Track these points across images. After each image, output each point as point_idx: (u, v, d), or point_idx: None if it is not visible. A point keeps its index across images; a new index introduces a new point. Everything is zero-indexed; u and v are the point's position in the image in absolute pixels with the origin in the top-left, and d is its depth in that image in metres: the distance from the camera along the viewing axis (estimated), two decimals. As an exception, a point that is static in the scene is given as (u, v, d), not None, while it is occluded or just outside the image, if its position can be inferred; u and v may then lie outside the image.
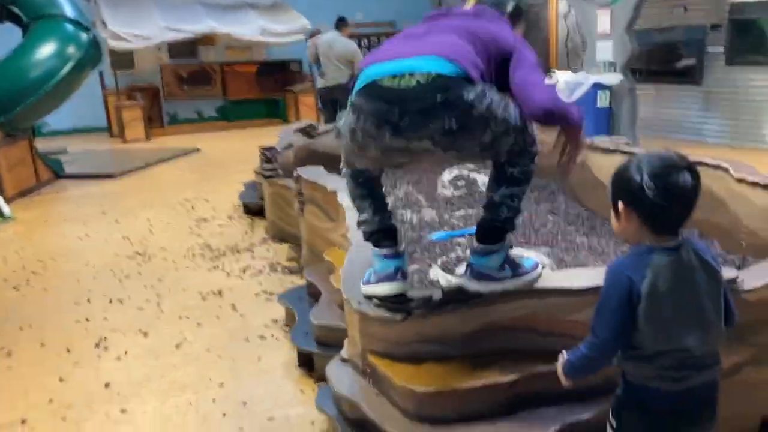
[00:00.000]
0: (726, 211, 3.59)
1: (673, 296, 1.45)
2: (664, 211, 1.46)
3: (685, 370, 1.48)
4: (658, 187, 1.44)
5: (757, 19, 7.49)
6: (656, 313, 1.45)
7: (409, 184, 5.78)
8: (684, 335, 1.47)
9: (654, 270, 1.45)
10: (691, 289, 1.48)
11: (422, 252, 3.95)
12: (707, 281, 1.50)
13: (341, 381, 2.26)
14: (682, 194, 1.45)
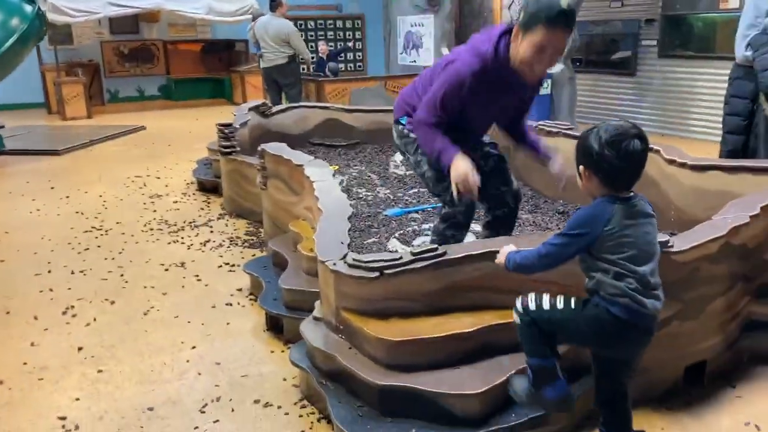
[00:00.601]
0: (658, 191, 3.93)
1: (631, 230, 1.77)
2: (619, 171, 1.78)
3: (642, 293, 1.78)
4: (612, 152, 1.75)
5: (687, 15, 7.99)
6: (617, 241, 1.77)
7: (362, 164, 5.99)
8: (641, 263, 1.78)
9: (615, 210, 1.78)
10: (643, 228, 1.81)
11: (379, 226, 4.16)
12: (651, 223, 1.85)
13: (315, 337, 2.44)
14: (633, 157, 1.77)
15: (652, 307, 1.80)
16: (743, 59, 4.05)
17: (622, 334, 1.81)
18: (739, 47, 4.06)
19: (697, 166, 3.57)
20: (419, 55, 11.21)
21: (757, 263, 2.72)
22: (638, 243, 1.79)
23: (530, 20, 2.38)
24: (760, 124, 4.00)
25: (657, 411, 2.39)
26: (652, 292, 1.81)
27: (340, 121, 6.63)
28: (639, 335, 1.85)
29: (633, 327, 1.80)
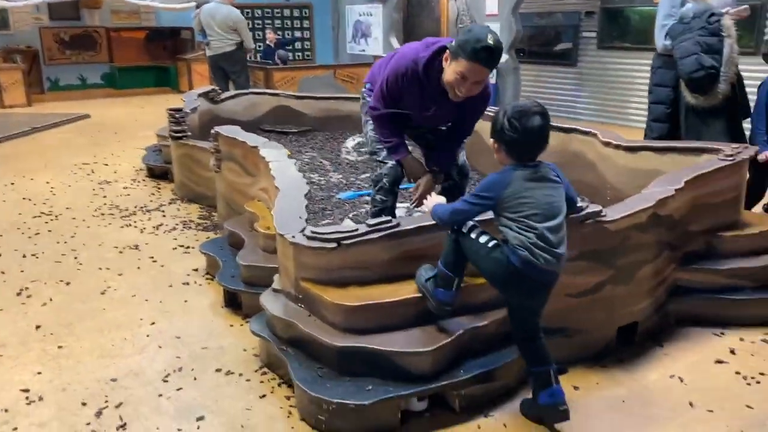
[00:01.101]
0: (595, 171, 4.17)
1: (531, 192, 2.05)
2: (520, 144, 2.08)
3: (540, 248, 2.02)
4: (514, 127, 2.05)
5: (625, 8, 8.34)
6: (516, 201, 2.05)
7: (314, 150, 6.09)
8: (540, 221, 2.04)
9: (516, 176, 2.07)
10: (544, 191, 2.07)
11: (333, 209, 4.29)
12: (553, 187, 2.10)
13: (275, 307, 2.55)
14: (533, 132, 2.05)
15: (545, 262, 2.03)
16: (663, 49, 4.20)
17: (516, 282, 2.08)
18: (659, 37, 4.21)
19: (630, 147, 3.82)
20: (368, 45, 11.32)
21: (682, 233, 2.96)
22: (538, 204, 2.04)
23: (457, 50, 2.60)
24: (681, 110, 4.16)
25: (592, 368, 2.60)
26: (550, 249, 2.04)
27: (291, 108, 6.71)
28: (532, 286, 2.10)
29: (526, 277, 2.05)
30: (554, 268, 2.08)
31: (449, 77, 2.65)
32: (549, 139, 2.13)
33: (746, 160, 3.18)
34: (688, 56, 3.82)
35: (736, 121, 4.08)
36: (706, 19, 3.79)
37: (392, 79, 2.84)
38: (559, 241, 2.07)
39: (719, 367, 2.62)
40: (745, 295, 2.96)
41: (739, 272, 2.99)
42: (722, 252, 3.07)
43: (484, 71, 2.61)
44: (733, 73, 3.87)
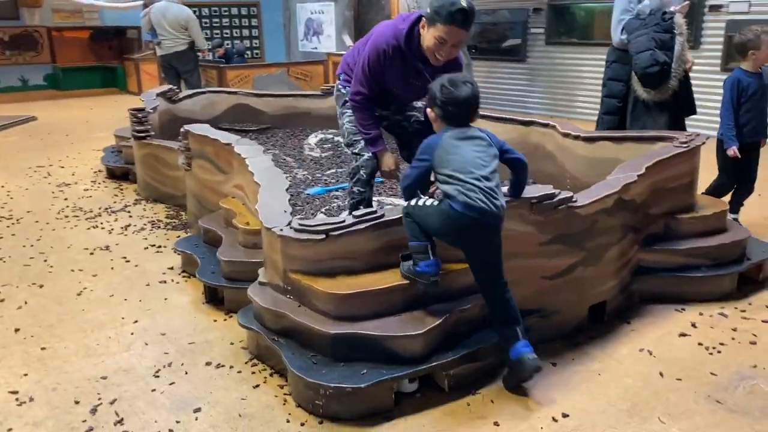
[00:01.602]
0: (555, 162, 4.36)
1: (459, 149, 2.33)
2: (450, 110, 2.37)
3: (474, 191, 2.25)
4: (445, 95, 2.36)
5: (571, 5, 8.64)
6: (447, 157, 2.32)
7: (275, 148, 6.12)
8: (470, 171, 2.28)
9: (445, 137, 2.37)
10: (471, 147, 2.34)
11: (303, 204, 4.35)
12: (480, 144, 2.36)
13: (264, 299, 2.61)
14: (459, 100, 2.35)
15: (482, 202, 2.25)
16: (619, 43, 4.31)
17: (463, 227, 2.29)
18: (615, 31, 4.31)
19: (588, 138, 4.01)
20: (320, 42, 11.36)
21: (644, 217, 3.16)
22: (465, 158, 2.30)
23: (433, 16, 2.73)
24: (630, 103, 4.30)
25: (568, 346, 2.76)
26: (485, 191, 2.26)
27: (250, 106, 6.72)
28: (478, 229, 2.31)
29: (470, 219, 2.26)
30: (492, 210, 2.27)
31: (428, 43, 2.79)
32: (478, 109, 2.43)
33: (699, 146, 3.39)
34: (643, 51, 3.94)
35: (680, 115, 4.26)
36: (661, 16, 3.93)
37: (374, 58, 2.95)
38: (491, 187, 2.29)
39: (683, 339, 2.81)
40: (701, 272, 3.17)
41: (695, 252, 3.20)
42: (680, 233, 3.28)
43: (461, 32, 2.74)
44: (682, 70, 4.03)
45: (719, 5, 6.97)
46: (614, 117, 4.42)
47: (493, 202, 2.28)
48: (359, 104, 3.07)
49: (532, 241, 2.65)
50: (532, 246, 2.66)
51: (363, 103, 3.06)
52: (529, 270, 2.68)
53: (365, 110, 3.09)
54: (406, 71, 2.97)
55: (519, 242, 2.63)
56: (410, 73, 2.98)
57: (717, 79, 7.12)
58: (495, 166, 2.35)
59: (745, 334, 2.85)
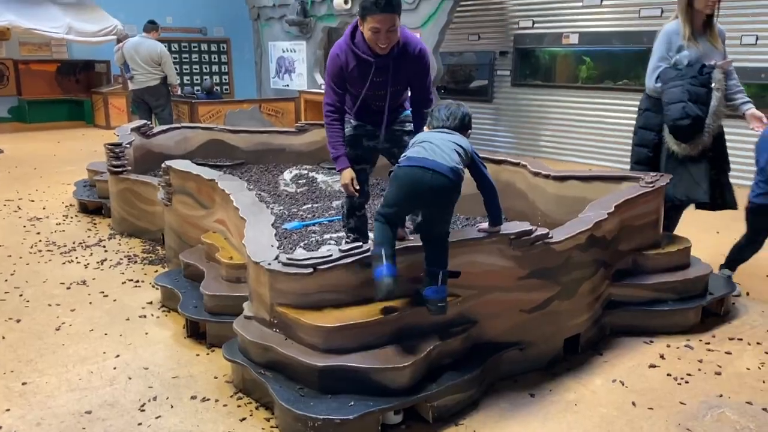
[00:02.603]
0: (525, 200, 4.51)
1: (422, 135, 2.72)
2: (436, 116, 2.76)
3: (424, 154, 2.53)
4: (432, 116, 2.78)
5: (536, 49, 8.98)
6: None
7: (250, 183, 6.18)
8: (424, 140, 2.64)
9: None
10: (430, 133, 2.71)
11: (281, 239, 4.41)
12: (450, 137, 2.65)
13: (250, 332, 2.66)
14: (446, 119, 2.73)
15: (421, 156, 2.53)
16: (653, 90, 3.93)
17: (409, 182, 2.51)
18: (650, 79, 3.94)
19: (558, 177, 4.18)
20: (292, 80, 11.51)
21: (614, 252, 3.31)
22: (419, 138, 2.67)
23: (361, 12, 3.01)
24: (662, 155, 3.94)
25: (545, 376, 2.86)
26: (429, 152, 2.53)
27: (224, 142, 6.78)
28: (422, 184, 2.48)
29: (414, 171, 2.50)
30: (428, 165, 2.49)
31: (367, 36, 3.03)
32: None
33: (663, 187, 3.58)
34: (675, 103, 3.68)
35: (717, 171, 3.88)
36: (699, 69, 3.68)
37: (332, 68, 3.22)
38: (436, 149, 2.53)
39: (653, 370, 2.94)
40: (668, 306, 3.32)
41: (662, 286, 3.36)
42: (647, 268, 3.44)
43: (388, 18, 2.95)
44: (717, 126, 3.76)
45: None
46: (645, 167, 4.01)
47: (436, 159, 2.49)
48: (328, 119, 3.29)
49: (511, 275, 2.77)
50: (511, 280, 2.77)
51: (331, 115, 3.27)
52: (508, 303, 2.79)
53: (333, 128, 3.29)
54: (362, 69, 3.15)
55: (499, 276, 2.75)
56: (367, 70, 3.15)
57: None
58: (453, 149, 2.56)
59: (710, 365, 3.00)
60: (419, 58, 3.20)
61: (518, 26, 9.00)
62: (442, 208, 2.56)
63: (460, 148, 2.59)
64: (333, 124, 3.30)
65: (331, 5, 10.01)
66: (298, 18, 10.62)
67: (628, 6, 7.77)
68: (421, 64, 3.23)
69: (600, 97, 8.27)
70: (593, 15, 8.14)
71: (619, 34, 7.88)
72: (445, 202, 2.56)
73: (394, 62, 3.15)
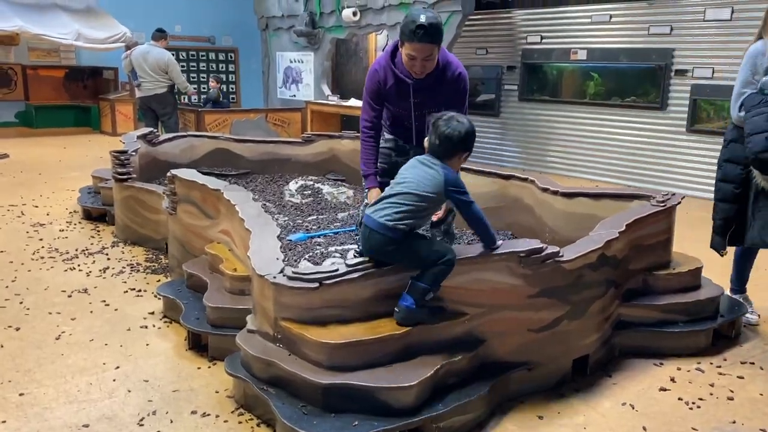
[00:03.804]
0: (533, 215, 4.46)
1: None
2: (433, 142, 2.65)
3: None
4: (433, 127, 2.66)
5: (543, 64, 8.96)
6: None
7: (255, 193, 6.14)
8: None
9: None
10: (414, 165, 2.70)
11: (286, 250, 4.36)
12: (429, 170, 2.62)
13: (253, 347, 2.60)
14: (442, 136, 2.63)
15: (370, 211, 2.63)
16: (738, 120, 3.45)
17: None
18: (734, 106, 3.49)
19: (566, 193, 4.13)
20: (299, 90, 11.51)
21: (624, 272, 3.25)
22: (400, 173, 2.68)
23: (400, 36, 3.01)
24: (751, 191, 3.46)
25: (553, 398, 2.80)
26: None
27: (230, 151, 6.74)
28: (364, 240, 2.64)
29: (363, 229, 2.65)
30: (368, 223, 2.60)
31: (404, 60, 3.04)
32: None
33: (675, 206, 3.53)
34: (758, 133, 3.23)
35: None
36: None
37: (370, 84, 3.23)
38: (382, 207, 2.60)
39: (663, 394, 2.88)
40: (678, 328, 3.26)
41: (672, 307, 3.30)
42: (657, 289, 3.38)
43: (426, 47, 2.93)
44: None
45: (685, 70, 7.30)
46: (731, 205, 3.51)
47: (376, 216, 2.56)
48: (363, 135, 3.31)
49: (520, 293, 2.71)
50: (520, 299, 2.72)
51: (367, 132, 3.30)
52: (517, 322, 2.73)
53: (367, 144, 3.31)
54: (400, 88, 3.16)
55: (508, 295, 2.69)
56: (404, 90, 3.16)
57: (683, 139, 7.43)
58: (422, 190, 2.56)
59: (722, 389, 2.93)
60: (457, 81, 3.21)
61: (526, 41, 8.99)
62: (402, 259, 2.58)
63: (431, 185, 2.55)
64: (367, 141, 3.31)
65: (340, 17, 10.02)
66: (307, 29, 10.64)
67: (637, 23, 7.74)
68: (459, 87, 3.23)
69: (607, 113, 8.24)
70: (602, 31, 8.12)
71: (628, 51, 7.85)
72: (397, 255, 2.56)
73: (431, 85, 3.14)
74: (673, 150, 7.53)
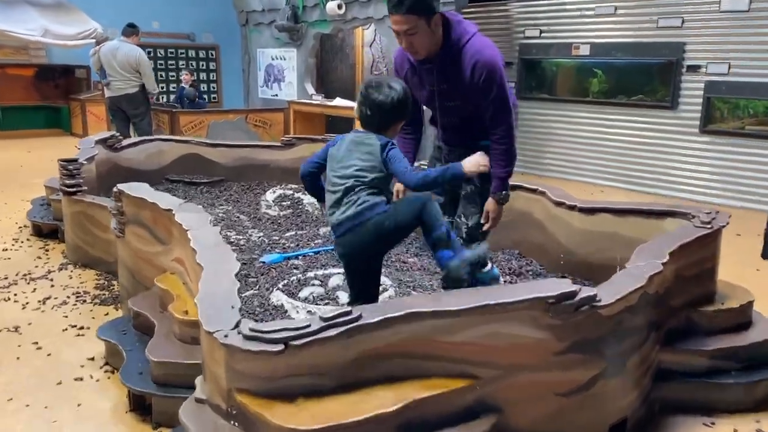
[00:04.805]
0: (543, 232, 3.88)
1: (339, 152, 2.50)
2: (364, 113, 2.47)
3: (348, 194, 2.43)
4: (362, 96, 2.46)
5: (542, 60, 8.37)
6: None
7: (228, 203, 5.53)
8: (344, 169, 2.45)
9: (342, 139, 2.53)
10: (349, 149, 2.47)
11: (257, 275, 3.75)
12: (365, 147, 2.45)
13: (200, 424, 1.99)
14: (374, 105, 2.44)
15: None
16: None
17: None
18: None
19: (586, 209, 3.55)
20: (281, 89, 10.90)
21: (665, 309, 2.66)
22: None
23: None
24: None
25: (586, 479, 2.20)
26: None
27: (202, 156, 6.14)
28: None
29: None
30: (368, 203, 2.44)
31: None
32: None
33: (722, 227, 2.94)
34: None
35: None
36: None
37: (395, 71, 2.95)
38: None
39: (722, 468, 2.29)
40: (731, 378, 2.68)
41: (723, 352, 2.71)
42: (702, 328, 2.80)
43: (401, 19, 2.57)
44: None
45: (698, 66, 6.75)
46: None
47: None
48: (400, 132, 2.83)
49: (546, 350, 2.11)
50: (546, 356, 2.12)
51: (403, 129, 2.81)
52: (541, 386, 2.13)
53: (400, 142, 2.86)
54: (415, 74, 2.84)
55: (530, 352, 2.09)
56: (419, 74, 2.82)
57: (695, 141, 6.88)
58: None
59: (793, 459, 2.35)
60: (473, 72, 2.62)
61: (524, 35, 8.40)
62: (394, 231, 2.47)
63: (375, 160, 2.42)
64: (401, 139, 2.96)
65: (324, 10, 9.41)
66: (289, 24, 10.02)
67: (644, 15, 7.18)
68: (476, 80, 2.63)
69: (612, 113, 7.67)
70: (606, 24, 7.55)
71: (635, 45, 7.29)
72: (391, 229, 2.45)
73: (447, 71, 2.68)
74: (685, 152, 6.97)
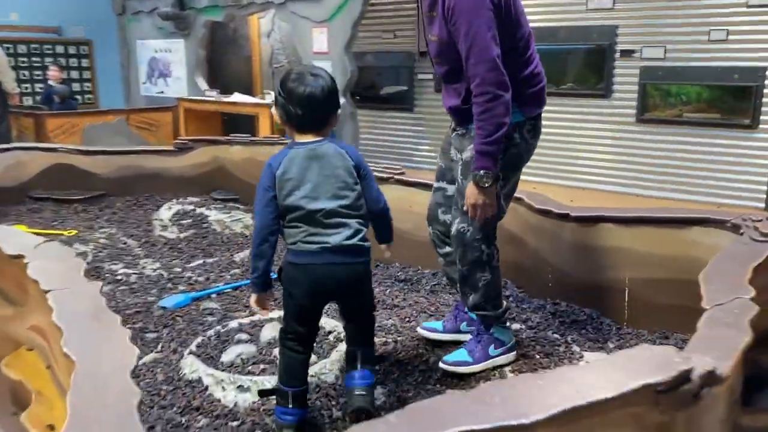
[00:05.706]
0: (523, 248, 3.18)
1: (302, 176, 1.87)
2: (293, 113, 1.89)
3: (318, 233, 1.86)
4: (285, 94, 1.90)
5: (462, 48, 7.77)
6: (286, 190, 1.87)
7: (111, 225, 4.45)
8: (313, 202, 1.86)
9: (287, 159, 1.89)
10: (321, 170, 1.88)
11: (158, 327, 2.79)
12: (341, 165, 1.92)
13: None
14: (304, 100, 1.87)
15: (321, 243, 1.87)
16: None
17: (296, 278, 1.89)
18: None
19: (582, 218, 2.86)
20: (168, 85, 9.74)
21: (739, 358, 1.98)
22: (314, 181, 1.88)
23: None
24: None
25: None
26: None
27: (74, 167, 5.03)
28: (308, 278, 1.87)
29: (303, 268, 1.87)
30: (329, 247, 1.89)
31: None
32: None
33: (782, 238, 2.31)
34: None
35: None
36: None
37: None
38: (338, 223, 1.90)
39: None
40: (819, 438, 2.04)
41: (805, 405, 2.07)
42: (770, 373, 2.15)
43: None
44: None
45: (631, 50, 6.34)
46: None
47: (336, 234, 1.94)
48: None
49: (654, 465, 1.34)
50: (653, 474, 1.35)
51: None
52: None
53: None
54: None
55: (632, 471, 1.32)
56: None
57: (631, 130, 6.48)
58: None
59: None
60: (445, 11, 2.19)
61: (440, 22, 7.77)
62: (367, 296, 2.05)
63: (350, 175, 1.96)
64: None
65: (215, -5, 8.37)
66: (174, 11, 8.89)
67: (573, -3, 6.72)
68: (446, 14, 2.19)
69: (539, 103, 7.17)
70: (531, 8, 6.99)
71: (563, 30, 6.80)
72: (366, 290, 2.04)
73: (432, 14, 2.33)
74: (621, 143, 6.56)
